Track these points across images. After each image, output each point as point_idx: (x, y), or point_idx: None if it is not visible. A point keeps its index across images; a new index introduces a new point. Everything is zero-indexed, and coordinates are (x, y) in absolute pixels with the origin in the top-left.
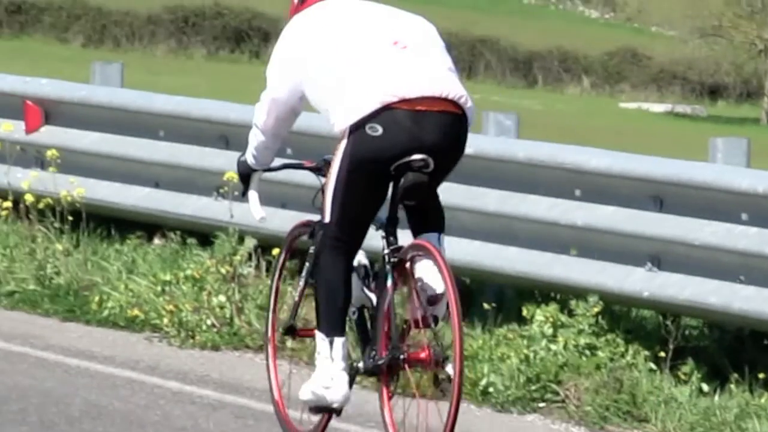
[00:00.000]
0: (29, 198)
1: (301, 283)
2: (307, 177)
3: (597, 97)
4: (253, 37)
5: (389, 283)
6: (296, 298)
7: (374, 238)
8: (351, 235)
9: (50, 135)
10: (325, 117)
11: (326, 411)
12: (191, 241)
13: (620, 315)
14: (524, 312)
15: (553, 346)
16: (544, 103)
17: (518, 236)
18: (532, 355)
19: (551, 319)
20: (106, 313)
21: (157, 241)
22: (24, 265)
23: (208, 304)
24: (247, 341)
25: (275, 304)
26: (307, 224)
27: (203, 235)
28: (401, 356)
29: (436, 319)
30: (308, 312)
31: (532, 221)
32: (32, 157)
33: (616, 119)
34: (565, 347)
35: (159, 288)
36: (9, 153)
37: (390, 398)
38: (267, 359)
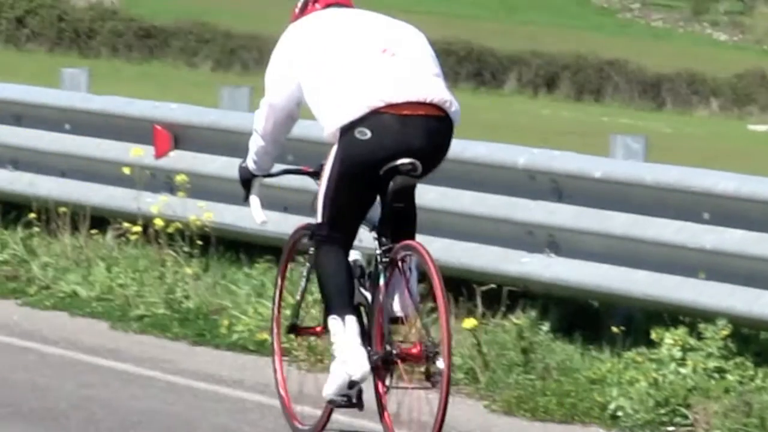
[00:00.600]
0: (159, 222)
1: (302, 282)
2: None
3: (725, 119)
4: None
5: (382, 281)
6: (297, 298)
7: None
8: (342, 233)
9: (179, 159)
10: (318, 122)
11: (349, 404)
12: None
13: (750, 338)
14: (653, 335)
15: (682, 370)
16: (673, 125)
17: (646, 260)
18: (661, 378)
19: (680, 343)
20: (235, 336)
21: None
22: (153, 289)
23: None
24: None
25: (279, 303)
26: (307, 227)
27: None
28: (394, 351)
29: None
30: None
31: (660, 245)
32: (162, 181)
33: (744, 142)
34: (694, 371)
35: (287, 312)
36: (139, 178)
37: (385, 392)
38: (272, 356)
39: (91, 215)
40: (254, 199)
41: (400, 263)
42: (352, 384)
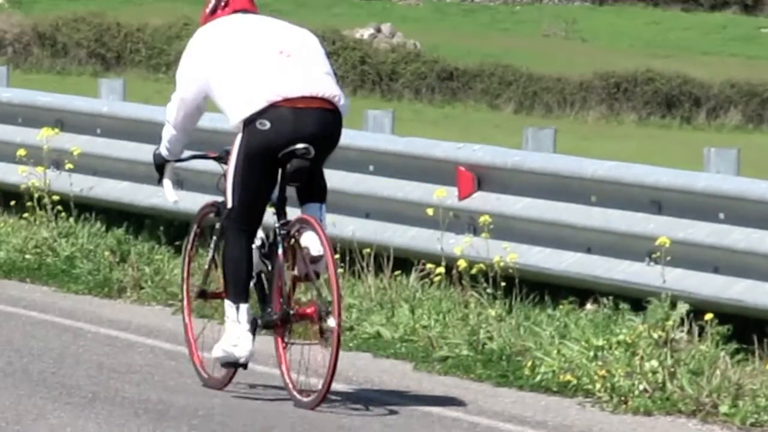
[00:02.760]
0: (462, 264)
1: (210, 253)
2: None
3: None
4: (684, 103)
5: (280, 251)
6: (206, 267)
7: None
8: (251, 215)
9: (483, 201)
10: (224, 114)
11: (234, 366)
12: (623, 306)
13: None
14: None
15: None
16: None
17: None
18: None
19: None
20: (538, 378)
21: (589, 306)
22: (457, 330)
23: (640, 369)
24: (679, 406)
25: (188, 271)
26: (214, 204)
27: (635, 300)
28: (291, 312)
29: (317, 275)
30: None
31: None
32: (465, 223)
33: None
34: None
35: (591, 353)
36: (442, 219)
37: (285, 348)
38: (183, 317)
39: (395, 256)
40: (167, 182)
41: (296, 234)
42: (234, 363)
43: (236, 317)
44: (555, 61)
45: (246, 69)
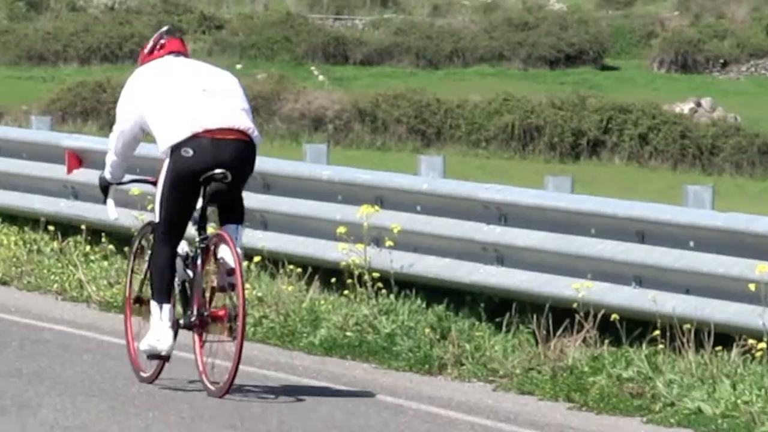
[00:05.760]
0: None
1: (146, 266)
2: None
3: None
4: None
5: (199, 262)
6: (141, 276)
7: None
8: (175, 229)
9: None
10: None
11: (158, 358)
12: None
13: None
14: None
15: None
16: None
17: None
18: None
19: None
20: None
21: None
22: None
23: None
24: None
25: (131, 278)
26: (150, 223)
27: None
28: (206, 314)
29: (232, 287)
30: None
31: None
32: None
33: None
34: None
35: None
36: (764, 294)
37: (202, 345)
38: (125, 319)
39: (715, 332)
40: (110, 201)
41: (212, 247)
42: (157, 355)
43: (159, 316)
44: None
45: (174, 104)
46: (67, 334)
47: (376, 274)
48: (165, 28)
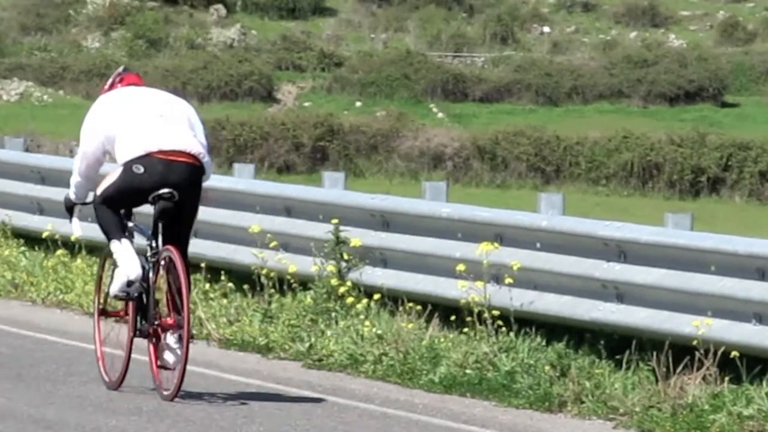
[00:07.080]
0: None
1: (110, 280)
2: None
3: None
4: None
5: (151, 275)
6: (107, 290)
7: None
8: (113, 208)
9: None
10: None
11: (127, 296)
12: None
13: None
14: None
15: None
16: None
17: None
18: None
19: None
20: None
21: None
22: None
23: None
24: None
25: (99, 292)
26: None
27: None
28: (157, 322)
29: (181, 302)
30: None
31: None
32: None
33: None
34: None
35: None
36: None
37: (155, 349)
38: (93, 328)
39: None
40: (75, 220)
41: (162, 261)
42: (129, 283)
43: (120, 247)
44: None
45: (132, 126)
46: (187, 372)
47: (495, 312)
48: (121, 68)
